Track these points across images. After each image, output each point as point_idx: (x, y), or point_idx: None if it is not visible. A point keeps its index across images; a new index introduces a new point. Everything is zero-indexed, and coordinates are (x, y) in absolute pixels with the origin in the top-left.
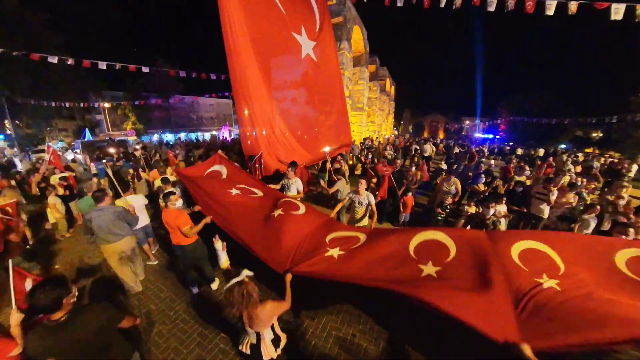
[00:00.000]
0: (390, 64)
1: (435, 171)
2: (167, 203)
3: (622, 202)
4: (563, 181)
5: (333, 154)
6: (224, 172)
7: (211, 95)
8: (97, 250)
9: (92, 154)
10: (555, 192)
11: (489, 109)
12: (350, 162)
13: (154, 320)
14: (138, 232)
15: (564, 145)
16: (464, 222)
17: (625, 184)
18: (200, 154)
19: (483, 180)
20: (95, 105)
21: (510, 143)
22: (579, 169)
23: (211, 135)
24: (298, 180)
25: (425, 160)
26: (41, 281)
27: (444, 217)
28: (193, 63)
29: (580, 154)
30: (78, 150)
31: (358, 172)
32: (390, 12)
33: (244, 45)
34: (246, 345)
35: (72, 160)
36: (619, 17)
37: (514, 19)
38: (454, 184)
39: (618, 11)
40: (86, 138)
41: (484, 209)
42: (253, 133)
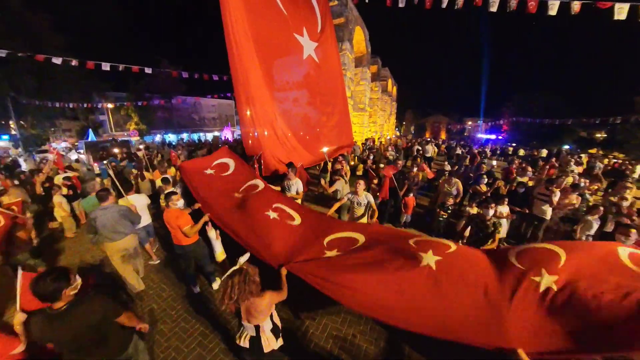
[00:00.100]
0: (392, 64)
1: (437, 172)
2: (169, 203)
3: (626, 204)
4: (566, 182)
5: (334, 154)
6: (232, 165)
7: (213, 96)
8: (100, 249)
9: (96, 154)
10: (558, 193)
11: (492, 109)
12: (352, 163)
13: (155, 319)
14: (140, 231)
15: (567, 146)
16: (464, 223)
17: (629, 185)
18: (203, 154)
19: (485, 181)
20: (99, 105)
21: (513, 144)
22: (580, 170)
23: (214, 136)
24: (298, 181)
25: (426, 161)
26: (45, 272)
27: (446, 218)
28: (195, 64)
29: (583, 155)
30: (81, 151)
31: (360, 173)
32: (392, 13)
33: (246, 47)
34: (244, 339)
35: (76, 161)
36: (623, 17)
37: (517, 18)
38: (455, 185)
39: (621, 11)
40: (89, 138)
41: (483, 209)
42: (255, 133)
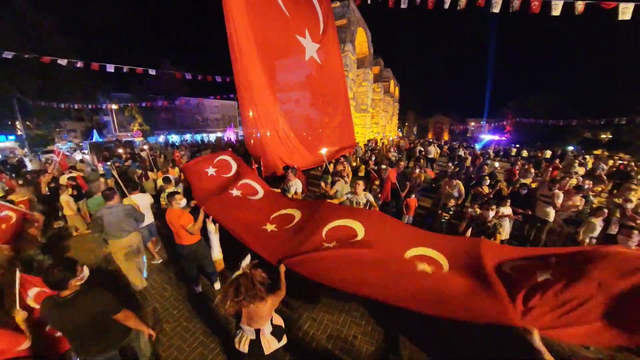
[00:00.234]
0: (394, 65)
1: (439, 173)
2: (172, 203)
3: (630, 206)
4: (569, 184)
5: (336, 155)
6: (234, 165)
7: (216, 97)
8: (103, 248)
9: (100, 154)
10: (561, 195)
11: (495, 110)
12: (353, 164)
13: (158, 318)
14: (142, 230)
15: (572, 147)
16: (466, 224)
17: (634, 186)
18: (207, 154)
19: (487, 183)
20: (103, 106)
21: (516, 145)
22: (582, 171)
23: (217, 137)
24: (298, 181)
25: (429, 162)
26: (54, 262)
27: (448, 220)
28: (198, 65)
29: (588, 157)
30: (86, 151)
31: (362, 174)
32: (394, 14)
33: (248, 48)
34: (244, 343)
35: (80, 161)
36: (627, 17)
37: (520, 19)
38: (456, 187)
39: (626, 11)
40: (94, 139)
41: (484, 211)
42: (257, 134)
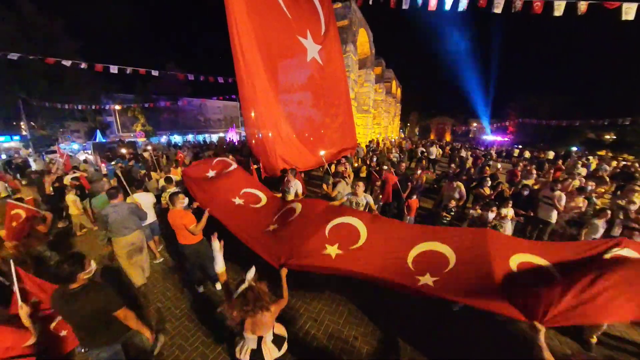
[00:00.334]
0: (396, 66)
1: (441, 174)
2: (175, 203)
3: (634, 207)
4: (572, 185)
5: (338, 156)
6: (231, 167)
7: (219, 97)
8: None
9: (103, 154)
10: (564, 197)
11: (498, 110)
12: (355, 165)
13: (160, 317)
14: (145, 229)
15: (575, 148)
16: (467, 226)
17: (637, 188)
18: (210, 154)
19: (488, 184)
20: (106, 107)
21: (519, 146)
22: (584, 172)
23: (219, 137)
24: (298, 182)
25: (431, 164)
26: (64, 257)
27: (449, 221)
28: (201, 66)
29: (591, 158)
30: (89, 151)
31: (363, 175)
32: (396, 14)
33: (250, 50)
34: (245, 353)
35: (84, 161)
36: (630, 18)
37: (523, 19)
38: (457, 190)
39: (629, 10)
40: (97, 139)
41: (484, 212)
42: (259, 135)
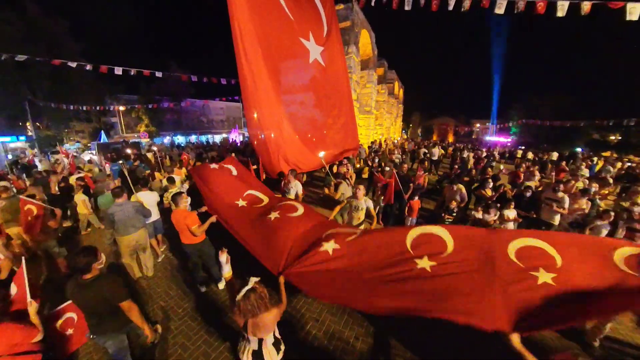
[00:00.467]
0: (398, 67)
1: (443, 175)
2: (179, 202)
3: (638, 209)
4: (576, 187)
5: (340, 157)
6: (234, 171)
7: (221, 98)
8: (112, 244)
9: (107, 155)
10: (567, 199)
11: (501, 111)
12: (357, 166)
13: (163, 316)
14: (149, 227)
15: (579, 149)
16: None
17: None
18: (213, 155)
19: (490, 186)
20: (111, 108)
21: (522, 147)
22: (587, 173)
23: (223, 138)
24: (298, 183)
25: (433, 164)
26: (78, 249)
27: (451, 222)
28: (204, 68)
29: (596, 159)
30: (94, 151)
31: (365, 176)
32: (398, 15)
33: (253, 51)
34: (247, 354)
35: (89, 161)
36: (635, 18)
37: (526, 19)
38: (457, 192)
39: (633, 10)
40: (101, 140)
41: (484, 214)
42: (261, 136)
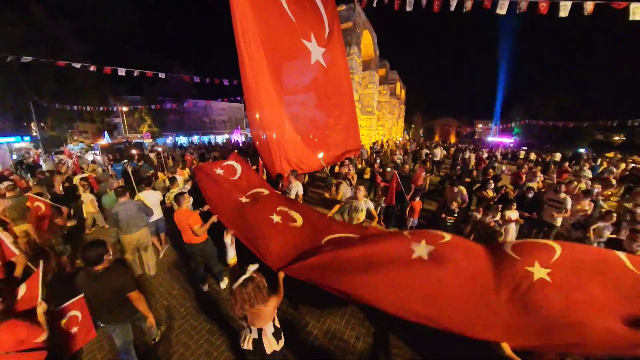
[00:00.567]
0: (400, 67)
1: (444, 176)
2: (182, 203)
3: None
4: (578, 188)
5: (341, 158)
6: (239, 170)
7: (223, 99)
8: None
9: (112, 155)
10: (569, 200)
11: (504, 111)
12: (359, 166)
13: (165, 315)
14: (151, 225)
15: (583, 150)
16: (470, 228)
17: None
18: (216, 155)
19: (492, 187)
20: (114, 109)
21: (524, 147)
22: (590, 174)
23: (226, 139)
24: (298, 184)
25: (435, 165)
26: (89, 242)
27: (453, 223)
28: (206, 69)
29: (600, 160)
30: (97, 152)
31: (367, 176)
32: (400, 16)
33: (255, 52)
34: (248, 342)
35: (92, 162)
36: (638, 18)
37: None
38: (458, 194)
39: (637, 11)
40: (105, 140)
41: (483, 216)
42: (263, 136)
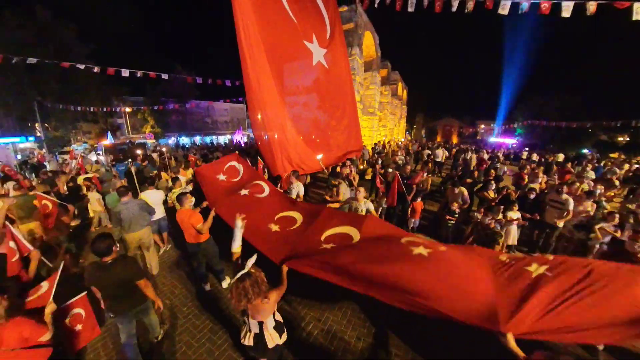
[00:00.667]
0: (402, 68)
1: (446, 177)
2: (184, 202)
3: None
4: (581, 189)
5: (343, 159)
6: (241, 170)
7: (226, 100)
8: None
9: (115, 155)
10: (571, 201)
11: (506, 112)
12: (361, 167)
13: (168, 314)
14: (153, 224)
15: (586, 150)
16: (471, 229)
17: None
18: (218, 155)
19: (493, 187)
20: (117, 109)
21: (527, 148)
22: (592, 175)
23: (228, 139)
24: (300, 185)
25: (437, 166)
26: (98, 235)
27: (455, 223)
28: (209, 70)
29: (603, 161)
30: (100, 152)
31: (369, 177)
32: (402, 17)
33: (257, 53)
34: (249, 338)
35: (95, 162)
36: None
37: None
38: (459, 195)
39: None
40: (108, 141)
41: (483, 217)
42: (265, 137)
